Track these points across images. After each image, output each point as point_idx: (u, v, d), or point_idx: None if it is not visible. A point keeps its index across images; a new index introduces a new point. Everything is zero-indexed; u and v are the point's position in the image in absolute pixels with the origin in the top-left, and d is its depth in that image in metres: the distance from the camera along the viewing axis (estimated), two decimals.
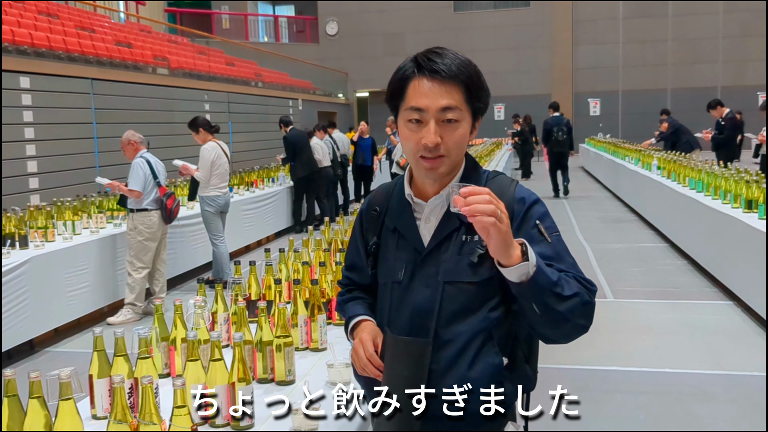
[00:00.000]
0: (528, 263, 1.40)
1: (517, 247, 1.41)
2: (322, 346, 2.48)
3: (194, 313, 2.19)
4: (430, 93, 1.50)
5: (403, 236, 1.62)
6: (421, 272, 1.58)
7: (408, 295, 1.60)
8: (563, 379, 4.35)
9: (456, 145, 1.52)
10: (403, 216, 1.63)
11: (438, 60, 1.51)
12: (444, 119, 1.50)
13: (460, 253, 1.55)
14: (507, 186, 1.60)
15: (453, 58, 1.52)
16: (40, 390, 1.58)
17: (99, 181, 6.24)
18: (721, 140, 10.33)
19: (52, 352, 5.23)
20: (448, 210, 1.57)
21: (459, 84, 1.50)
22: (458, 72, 1.50)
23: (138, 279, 5.84)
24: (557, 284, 1.43)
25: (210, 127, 6.83)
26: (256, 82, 17.08)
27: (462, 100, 1.51)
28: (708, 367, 4.50)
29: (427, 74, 1.51)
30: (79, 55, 9.88)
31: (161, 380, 2.11)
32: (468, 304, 1.55)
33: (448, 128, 1.51)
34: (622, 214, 11.12)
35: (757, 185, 5.77)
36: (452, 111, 1.50)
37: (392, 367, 1.58)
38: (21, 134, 7.85)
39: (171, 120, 10.99)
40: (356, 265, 1.80)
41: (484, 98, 1.56)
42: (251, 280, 2.77)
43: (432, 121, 1.50)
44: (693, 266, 7.09)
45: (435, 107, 1.50)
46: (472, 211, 1.36)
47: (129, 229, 5.89)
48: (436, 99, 1.50)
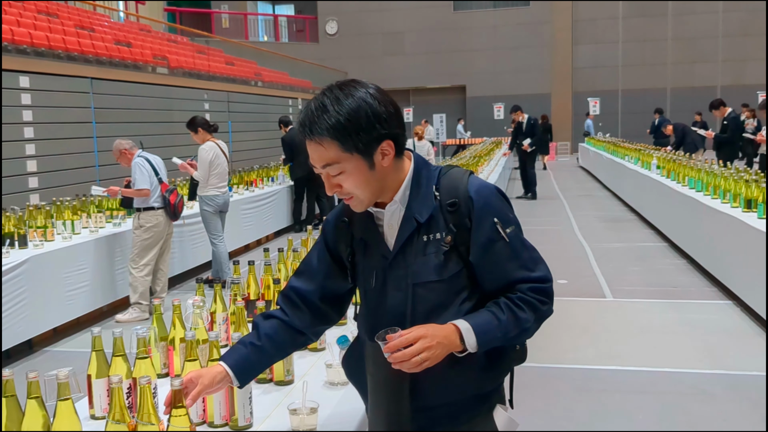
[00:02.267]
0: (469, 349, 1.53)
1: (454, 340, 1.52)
2: (320, 346, 2.48)
3: (192, 313, 2.18)
4: (313, 155, 1.56)
5: (369, 245, 1.66)
6: (391, 276, 1.62)
7: (382, 301, 1.64)
8: (562, 378, 4.35)
9: (354, 188, 1.55)
10: (368, 226, 1.66)
11: (305, 120, 1.54)
12: (330, 174, 1.55)
13: (425, 253, 1.58)
14: (459, 179, 1.61)
15: (321, 113, 1.51)
16: (38, 390, 1.58)
17: (94, 191, 6.16)
18: (724, 140, 10.33)
19: (51, 352, 5.23)
20: (405, 213, 1.60)
21: (329, 140, 1.51)
22: (325, 130, 1.50)
23: (139, 278, 5.85)
24: (505, 338, 1.57)
25: (209, 126, 6.82)
26: (255, 81, 17.08)
27: (339, 152, 1.51)
28: (707, 366, 4.50)
29: (306, 138, 1.55)
30: (78, 54, 9.88)
31: (160, 380, 2.11)
32: (439, 302, 1.59)
33: (339, 178, 1.55)
34: (621, 213, 11.12)
35: (756, 184, 5.77)
36: (332, 167, 1.54)
37: (374, 372, 1.64)
38: (20, 134, 7.85)
39: (170, 119, 10.99)
40: (310, 268, 1.78)
41: (367, 134, 1.51)
42: (250, 279, 2.77)
43: (324, 175, 1.57)
44: (692, 265, 7.09)
45: (318, 166, 1.56)
46: (400, 368, 1.48)
47: (135, 227, 5.91)
48: (317, 160, 1.55)
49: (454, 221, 1.57)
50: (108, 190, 6.03)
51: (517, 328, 1.56)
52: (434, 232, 1.58)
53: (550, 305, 1.62)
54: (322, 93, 1.56)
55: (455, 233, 1.57)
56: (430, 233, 1.58)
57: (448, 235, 1.57)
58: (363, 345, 1.74)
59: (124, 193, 5.92)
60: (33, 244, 5.29)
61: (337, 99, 1.52)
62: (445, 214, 1.58)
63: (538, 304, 1.59)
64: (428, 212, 1.58)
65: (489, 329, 1.53)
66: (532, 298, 1.58)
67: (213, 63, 15.15)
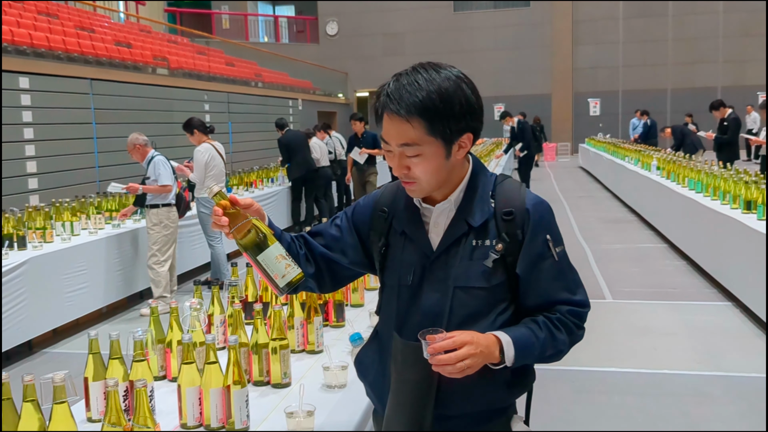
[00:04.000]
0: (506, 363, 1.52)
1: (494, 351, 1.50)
2: (318, 349, 2.48)
3: (190, 315, 2.18)
4: (391, 130, 1.51)
5: (411, 240, 1.62)
6: (431, 276, 1.58)
7: (417, 299, 1.60)
8: (562, 380, 4.35)
9: (423, 173, 1.53)
10: (412, 220, 1.63)
11: (396, 94, 1.49)
12: (405, 154, 1.52)
13: (471, 258, 1.56)
14: (517, 191, 1.60)
15: (413, 88, 1.48)
16: (34, 393, 1.58)
17: (112, 188, 6.22)
18: (724, 141, 10.32)
19: (51, 353, 5.23)
20: (456, 214, 1.58)
21: (416, 119, 1.47)
22: (414, 107, 1.46)
23: (162, 272, 6.04)
24: (541, 357, 1.57)
25: (205, 128, 6.84)
26: (255, 82, 17.08)
27: (423, 133, 1.48)
28: (706, 368, 4.49)
29: (386, 109, 1.51)
30: (78, 55, 9.88)
31: (157, 383, 2.11)
32: (478, 310, 1.56)
33: (412, 161, 1.52)
34: (621, 214, 11.12)
35: (756, 186, 5.77)
36: (411, 147, 1.50)
37: (401, 371, 1.58)
38: (20, 134, 7.85)
39: (170, 120, 10.98)
40: (325, 233, 1.74)
41: (456, 122, 1.49)
42: (248, 281, 2.76)
43: (396, 154, 1.53)
44: (692, 267, 7.08)
45: (395, 143, 1.52)
46: (441, 371, 1.46)
47: (153, 224, 6.03)
48: (394, 137, 1.51)
49: (507, 231, 1.55)
50: (127, 187, 6.08)
51: (552, 349, 1.56)
52: (484, 239, 1.56)
53: (583, 331, 1.63)
54: (413, 69, 1.52)
55: (507, 243, 1.55)
56: (480, 239, 1.56)
57: (500, 243, 1.55)
58: (383, 343, 1.68)
59: (145, 189, 5.98)
60: (32, 245, 5.29)
61: (433, 79, 1.48)
62: (498, 222, 1.56)
63: (574, 328, 1.59)
64: (483, 218, 1.56)
65: (528, 346, 1.52)
66: (570, 321, 1.59)
67: (213, 64, 15.16)
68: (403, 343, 1.57)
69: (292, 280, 1.50)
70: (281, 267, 1.49)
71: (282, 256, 1.50)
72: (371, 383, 1.72)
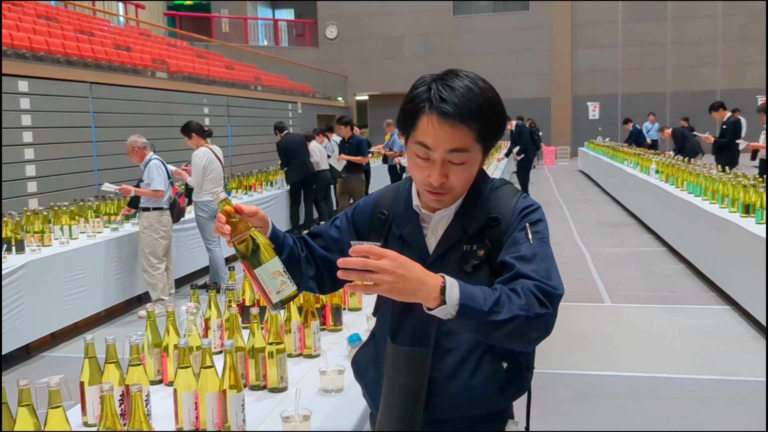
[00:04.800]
0: (446, 306, 1.31)
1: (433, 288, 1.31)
2: (315, 353, 2.47)
3: (186, 319, 2.18)
4: (439, 134, 1.44)
5: (409, 244, 1.61)
6: None
7: (411, 304, 1.55)
8: (560, 384, 4.34)
9: (460, 182, 1.50)
10: (411, 224, 1.62)
11: (451, 97, 1.42)
12: (451, 161, 1.47)
13: (460, 263, 1.56)
14: (510, 198, 1.59)
15: (468, 93, 1.44)
16: (30, 398, 1.57)
17: (106, 188, 6.23)
18: (723, 144, 10.31)
19: (48, 357, 5.22)
20: (453, 221, 1.58)
21: (471, 124, 1.43)
22: (471, 112, 1.42)
23: (157, 275, 6.01)
24: (491, 312, 1.32)
25: (203, 132, 6.85)
26: (255, 85, 17.09)
27: (472, 140, 1.45)
28: (705, 372, 4.49)
29: (437, 114, 1.43)
30: (77, 58, 9.89)
31: (153, 387, 2.11)
32: None
33: (455, 168, 1.47)
34: (620, 217, 11.12)
35: (754, 189, 5.77)
36: (459, 153, 1.45)
37: (392, 376, 1.58)
38: (19, 138, 7.85)
39: (170, 124, 10.99)
40: (325, 234, 1.72)
41: (500, 130, 1.50)
42: (245, 285, 2.76)
43: (439, 161, 1.46)
44: (691, 270, 7.08)
45: (443, 149, 1.45)
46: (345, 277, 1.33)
47: (144, 227, 6.00)
48: (444, 142, 1.44)
49: (491, 236, 1.54)
50: (121, 189, 6.07)
51: (506, 312, 1.33)
52: (473, 243, 1.55)
53: (549, 312, 1.38)
54: (454, 75, 1.47)
55: (489, 248, 1.53)
56: (471, 244, 1.55)
57: (482, 249, 1.53)
58: (379, 345, 1.68)
59: (137, 192, 5.97)
60: (30, 249, 5.28)
61: (482, 87, 1.46)
62: (484, 228, 1.56)
63: (536, 303, 1.37)
64: (477, 226, 1.55)
65: (475, 295, 1.33)
66: (532, 293, 1.38)
67: (213, 67, 15.17)
68: (394, 349, 1.58)
69: (285, 297, 1.48)
70: (277, 283, 1.47)
71: (279, 272, 1.48)
72: (367, 385, 1.72)
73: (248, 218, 1.54)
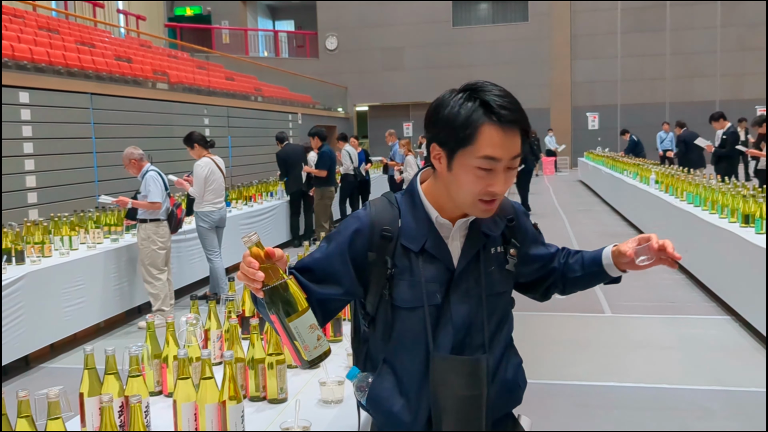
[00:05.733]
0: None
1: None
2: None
3: (186, 330, 2.18)
4: (504, 144, 1.47)
5: (431, 257, 1.58)
6: (457, 290, 1.59)
7: (447, 315, 1.58)
8: (560, 394, 4.33)
9: (505, 189, 1.55)
10: (432, 237, 1.60)
11: (509, 107, 1.47)
12: (511, 167, 1.51)
13: (494, 265, 1.64)
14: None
15: (514, 99, 1.51)
16: (29, 409, 1.58)
17: (103, 200, 6.22)
18: (722, 154, 10.31)
19: (48, 368, 5.21)
20: (471, 226, 1.62)
21: (521, 130, 1.50)
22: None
23: (159, 285, 6.00)
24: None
25: (205, 142, 6.88)
26: (255, 96, 17.14)
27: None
28: (705, 382, 4.48)
29: (499, 123, 1.46)
30: (78, 70, 9.93)
31: (152, 398, 2.10)
32: (505, 312, 1.67)
33: (510, 174, 1.52)
34: (620, 228, 11.11)
35: (753, 199, 5.78)
36: (518, 159, 1.52)
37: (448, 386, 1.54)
38: (20, 149, 7.87)
39: (170, 135, 11.02)
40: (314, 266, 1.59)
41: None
42: (245, 296, 2.76)
43: (502, 170, 1.49)
44: (691, 281, 7.08)
45: (508, 158, 1.48)
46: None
47: (142, 239, 5.99)
48: (509, 150, 1.48)
49: (513, 236, 1.68)
50: (118, 201, 6.07)
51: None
52: (496, 246, 1.65)
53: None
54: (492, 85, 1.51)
55: (518, 247, 1.68)
56: (493, 246, 1.64)
57: (512, 249, 1.66)
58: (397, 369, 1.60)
59: (134, 204, 5.97)
60: (30, 260, 5.28)
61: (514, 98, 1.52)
62: (505, 229, 1.67)
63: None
64: (500, 229, 1.65)
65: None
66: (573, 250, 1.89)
67: (213, 78, 15.22)
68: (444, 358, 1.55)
69: (320, 354, 1.36)
70: (313, 338, 1.35)
71: (315, 326, 1.36)
72: (394, 414, 1.61)
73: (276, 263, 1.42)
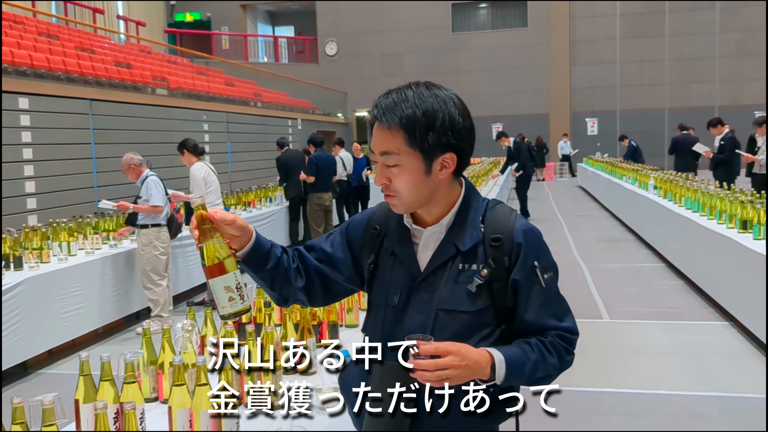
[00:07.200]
0: (495, 380, 1.51)
1: (485, 367, 1.49)
2: (311, 370, 2.47)
3: (182, 336, 2.18)
4: (375, 139, 1.56)
5: (400, 260, 1.63)
6: (416, 297, 1.60)
7: (401, 320, 1.61)
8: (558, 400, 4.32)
9: (403, 187, 1.55)
10: (402, 240, 1.64)
11: (384, 106, 1.54)
12: (385, 164, 1.55)
13: (457, 281, 1.57)
14: (507, 217, 1.62)
15: (401, 102, 1.52)
16: (23, 416, 1.58)
17: (103, 205, 6.24)
18: (720, 160, 10.32)
19: (46, 374, 5.20)
20: (445, 237, 1.60)
21: (398, 128, 1.52)
22: (398, 118, 1.51)
23: (160, 291, 6.01)
24: (530, 378, 1.56)
25: (196, 149, 6.95)
26: (255, 102, 17.16)
27: (402, 143, 1.52)
28: (704, 388, 4.47)
29: (372, 119, 1.57)
30: (78, 75, 9.94)
31: (148, 404, 2.10)
32: (461, 332, 1.56)
33: (392, 172, 1.55)
34: (619, 233, 11.12)
35: (752, 205, 5.78)
36: (390, 156, 1.53)
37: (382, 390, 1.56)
38: (19, 155, 7.87)
39: (170, 140, 11.00)
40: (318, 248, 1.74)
41: (437, 137, 1.52)
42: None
43: (379, 164, 1.57)
44: (689, 286, 7.07)
45: (376, 152, 1.57)
46: (419, 378, 1.43)
47: (143, 245, 6.00)
48: (376, 145, 1.56)
49: (494, 256, 1.57)
50: (119, 205, 6.08)
51: (542, 372, 1.58)
52: (471, 263, 1.57)
53: (572, 357, 1.65)
54: (407, 85, 1.57)
55: (493, 268, 1.57)
56: (467, 263, 1.58)
57: (485, 269, 1.56)
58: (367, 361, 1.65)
59: (135, 208, 5.98)
60: (28, 266, 5.28)
61: (421, 94, 1.54)
62: (486, 248, 1.58)
63: (564, 353, 1.62)
64: (472, 242, 1.58)
65: (519, 366, 1.53)
66: (560, 346, 1.61)
67: (213, 84, 15.24)
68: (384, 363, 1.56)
69: (229, 313, 1.52)
70: (225, 298, 1.51)
71: (230, 287, 1.51)
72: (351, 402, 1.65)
73: (223, 227, 1.52)
